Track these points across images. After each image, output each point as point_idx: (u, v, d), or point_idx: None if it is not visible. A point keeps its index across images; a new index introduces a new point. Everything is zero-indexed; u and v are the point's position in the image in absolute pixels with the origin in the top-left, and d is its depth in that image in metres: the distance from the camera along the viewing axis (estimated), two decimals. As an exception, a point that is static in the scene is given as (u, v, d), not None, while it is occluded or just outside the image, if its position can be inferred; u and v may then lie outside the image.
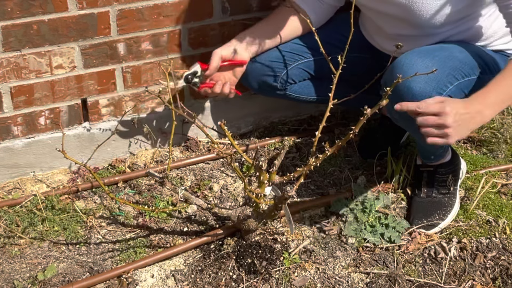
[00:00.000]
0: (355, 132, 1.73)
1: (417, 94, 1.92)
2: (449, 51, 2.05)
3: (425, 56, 1.99)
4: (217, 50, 2.26)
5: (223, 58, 2.27)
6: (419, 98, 1.91)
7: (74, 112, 2.37)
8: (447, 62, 2.00)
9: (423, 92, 1.93)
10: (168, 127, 2.54)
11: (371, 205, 2.24)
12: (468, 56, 2.06)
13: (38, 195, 2.28)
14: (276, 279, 1.99)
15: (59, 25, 2.18)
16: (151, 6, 2.30)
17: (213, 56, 2.26)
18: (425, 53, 2.01)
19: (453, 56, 2.03)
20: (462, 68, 2.02)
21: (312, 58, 2.39)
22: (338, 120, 2.77)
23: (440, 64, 1.97)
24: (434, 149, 2.22)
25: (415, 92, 1.93)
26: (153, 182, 2.41)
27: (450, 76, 1.98)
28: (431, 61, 1.98)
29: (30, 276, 2.01)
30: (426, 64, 1.96)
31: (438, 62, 1.98)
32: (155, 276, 2.02)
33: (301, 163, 2.53)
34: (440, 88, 1.95)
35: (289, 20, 2.34)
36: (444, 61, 2.00)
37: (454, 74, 1.99)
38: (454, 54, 2.04)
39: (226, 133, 1.84)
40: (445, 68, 1.98)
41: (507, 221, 2.24)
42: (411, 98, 1.92)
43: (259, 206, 1.97)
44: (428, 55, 2.00)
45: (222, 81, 2.29)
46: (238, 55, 2.29)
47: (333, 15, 2.43)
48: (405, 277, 2.02)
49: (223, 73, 2.31)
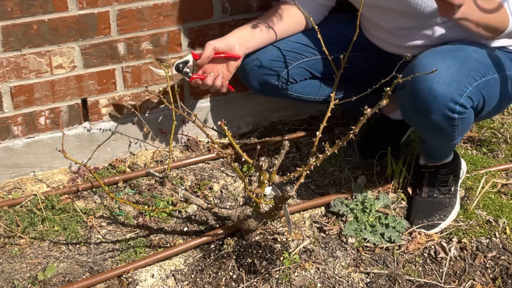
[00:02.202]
0: (355, 132, 1.73)
1: (439, 96, 1.92)
2: (465, 51, 2.03)
3: (446, 57, 1.97)
4: (210, 41, 2.26)
5: (216, 50, 2.26)
6: (442, 100, 1.91)
7: (74, 112, 2.37)
8: (466, 63, 1.99)
9: (445, 94, 1.92)
10: (168, 127, 2.54)
11: (371, 205, 2.24)
12: (483, 56, 2.06)
13: (38, 195, 2.28)
14: (276, 279, 1.99)
15: (59, 25, 2.18)
16: (151, 6, 2.30)
17: (206, 46, 2.25)
18: (445, 54, 1.99)
19: (470, 56, 2.02)
20: (479, 68, 2.01)
21: (313, 57, 2.39)
22: (338, 120, 2.77)
23: (461, 65, 1.96)
24: (442, 148, 2.22)
25: (437, 94, 1.92)
26: (153, 182, 2.40)
27: (470, 77, 1.97)
28: (452, 61, 1.96)
29: (30, 276, 2.01)
30: (448, 64, 1.95)
31: (459, 62, 1.97)
32: (155, 276, 2.02)
33: (301, 163, 2.53)
34: (461, 90, 1.94)
35: (286, 18, 2.34)
36: (463, 61, 1.99)
37: (472, 75, 1.98)
38: (470, 54, 2.03)
39: (226, 133, 1.84)
40: (465, 68, 1.97)
41: (507, 221, 2.24)
42: (432, 100, 1.92)
43: (259, 206, 1.97)
44: (448, 55, 1.98)
45: (215, 73, 2.28)
46: (232, 49, 2.28)
47: (333, 15, 2.43)
48: (405, 277, 2.02)
49: (216, 66, 2.30)
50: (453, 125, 2.00)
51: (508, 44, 2.18)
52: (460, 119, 1.99)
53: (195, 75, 2.28)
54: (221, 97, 2.60)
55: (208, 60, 2.26)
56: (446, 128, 2.01)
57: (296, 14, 2.34)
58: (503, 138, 2.70)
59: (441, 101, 1.91)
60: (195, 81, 2.29)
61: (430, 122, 1.98)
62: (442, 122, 1.98)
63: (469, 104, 1.97)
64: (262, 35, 2.30)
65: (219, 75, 2.27)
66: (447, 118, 1.96)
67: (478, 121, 2.58)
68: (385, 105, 1.65)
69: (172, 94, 2.10)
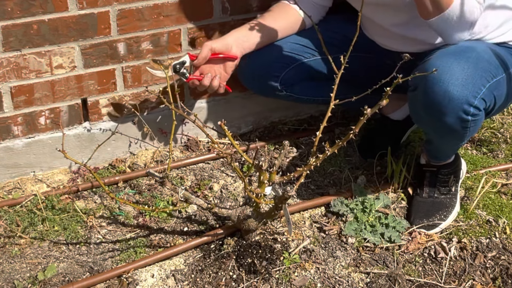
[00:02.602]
0: (355, 132, 1.72)
1: (455, 99, 1.91)
2: (476, 51, 2.01)
3: (460, 58, 1.95)
4: (207, 42, 2.26)
5: (213, 50, 2.26)
6: (457, 102, 1.90)
7: (74, 112, 2.37)
8: (478, 64, 1.97)
9: (461, 96, 1.91)
10: (168, 126, 2.54)
11: (371, 205, 2.24)
12: (492, 56, 2.05)
13: (38, 195, 2.28)
14: (276, 279, 1.99)
15: (59, 25, 2.18)
16: (151, 6, 2.30)
17: (203, 47, 2.25)
18: (459, 55, 1.97)
19: (481, 57, 2.01)
20: (490, 69, 2.00)
21: (312, 58, 2.39)
22: (338, 120, 2.77)
23: (474, 66, 1.95)
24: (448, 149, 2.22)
25: (453, 96, 1.91)
26: (153, 182, 2.41)
27: (483, 78, 1.96)
28: (466, 63, 1.95)
29: (30, 276, 2.01)
30: (463, 66, 1.93)
31: (472, 64, 1.95)
32: (155, 276, 2.02)
33: (301, 163, 2.53)
34: (476, 92, 1.94)
35: (282, 18, 2.33)
36: (476, 62, 1.97)
37: (485, 76, 1.97)
38: (481, 54, 2.01)
39: (226, 133, 1.84)
40: (478, 70, 1.96)
41: (507, 221, 2.24)
42: (447, 103, 1.91)
43: (259, 206, 1.97)
44: (461, 56, 1.97)
45: (212, 74, 2.28)
46: (230, 50, 2.28)
47: (332, 15, 2.43)
48: (405, 277, 2.02)
49: (214, 67, 2.30)
50: (465, 127, 1.99)
51: (508, 39, 2.19)
52: (473, 121, 1.98)
53: (192, 76, 2.28)
54: (221, 97, 2.60)
55: (204, 60, 2.26)
56: (459, 130, 2.00)
57: (292, 14, 2.34)
58: (503, 138, 2.70)
59: (457, 103, 1.90)
60: (192, 81, 2.29)
61: (442, 124, 1.98)
62: (455, 124, 1.97)
63: (482, 105, 1.97)
64: (258, 35, 2.30)
65: (217, 76, 2.27)
66: (461, 120, 1.96)
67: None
68: (385, 105, 1.65)
69: (172, 94, 2.10)
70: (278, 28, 2.33)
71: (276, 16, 2.34)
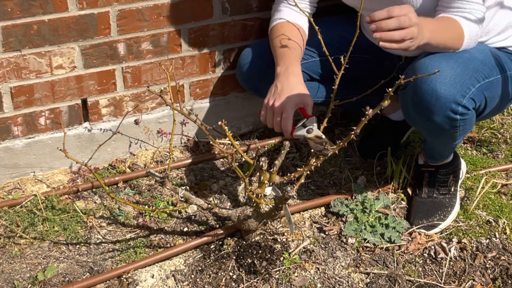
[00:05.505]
0: (356, 132, 1.72)
1: (442, 97, 1.91)
2: (469, 52, 2.02)
3: (450, 58, 1.96)
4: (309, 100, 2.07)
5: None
6: (445, 101, 1.91)
7: (74, 112, 2.37)
8: (469, 64, 1.98)
9: (448, 95, 1.92)
10: (168, 127, 2.54)
11: (371, 205, 2.24)
12: (487, 57, 2.05)
13: (38, 195, 2.28)
14: (276, 279, 1.99)
15: (59, 25, 2.18)
16: (151, 6, 2.30)
17: (309, 103, 2.06)
18: (449, 55, 1.98)
19: (474, 57, 2.01)
20: (483, 69, 2.01)
21: (311, 60, 2.39)
22: (338, 120, 2.77)
23: (464, 66, 1.96)
24: (443, 148, 2.22)
25: (440, 95, 1.91)
26: (153, 182, 2.41)
27: (473, 78, 1.97)
28: (456, 62, 1.96)
29: (30, 276, 2.01)
30: (451, 65, 1.94)
31: (462, 63, 1.96)
32: (155, 276, 2.02)
33: (301, 163, 2.53)
34: (464, 91, 1.94)
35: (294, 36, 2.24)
36: (467, 62, 1.98)
37: (476, 76, 1.98)
38: (474, 55, 2.02)
39: (227, 133, 1.84)
40: (468, 69, 1.96)
41: (507, 221, 2.24)
42: (435, 101, 1.92)
43: (260, 206, 1.98)
44: (451, 56, 1.98)
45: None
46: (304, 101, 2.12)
47: (330, 17, 2.42)
48: (405, 277, 2.03)
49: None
50: (455, 126, 2.00)
51: (508, 45, 2.19)
52: (462, 121, 1.99)
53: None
54: (221, 98, 2.60)
55: None
56: (448, 129, 2.01)
57: (294, 29, 2.27)
58: (503, 139, 2.70)
59: (444, 102, 1.91)
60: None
61: (432, 123, 1.98)
62: (444, 123, 1.98)
63: (471, 105, 1.97)
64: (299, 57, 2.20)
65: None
66: (449, 119, 1.96)
67: (478, 121, 2.58)
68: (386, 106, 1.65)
69: (173, 94, 2.10)
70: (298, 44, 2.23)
71: (292, 35, 2.22)
